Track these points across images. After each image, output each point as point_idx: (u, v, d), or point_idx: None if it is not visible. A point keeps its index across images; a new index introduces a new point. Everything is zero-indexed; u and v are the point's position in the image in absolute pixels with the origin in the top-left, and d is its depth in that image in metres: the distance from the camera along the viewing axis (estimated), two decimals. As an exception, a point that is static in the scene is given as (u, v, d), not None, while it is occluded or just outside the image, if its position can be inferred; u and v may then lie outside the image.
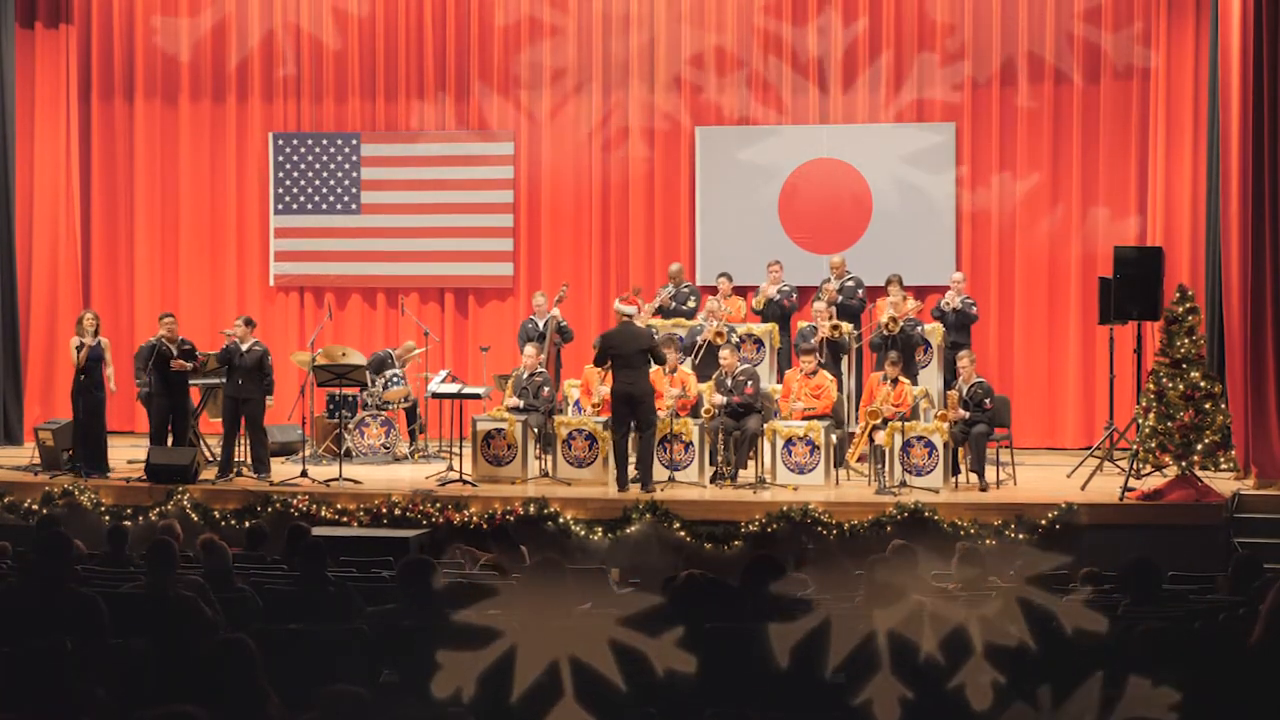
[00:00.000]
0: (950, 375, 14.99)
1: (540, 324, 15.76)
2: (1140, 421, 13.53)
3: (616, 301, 15.92)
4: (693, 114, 17.58)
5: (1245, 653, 6.57)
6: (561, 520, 13.29)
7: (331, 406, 16.03)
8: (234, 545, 10.33)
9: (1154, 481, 13.40)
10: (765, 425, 14.05)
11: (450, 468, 14.48)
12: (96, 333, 14.79)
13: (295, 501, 13.68)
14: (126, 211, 18.65)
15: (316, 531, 12.06)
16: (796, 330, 15.72)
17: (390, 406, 15.92)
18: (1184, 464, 13.16)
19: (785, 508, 13.07)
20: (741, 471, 14.13)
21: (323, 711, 5.20)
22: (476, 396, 14.98)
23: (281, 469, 14.81)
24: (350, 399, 15.92)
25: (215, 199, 18.56)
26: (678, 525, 13.16)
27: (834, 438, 14.19)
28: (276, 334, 17.68)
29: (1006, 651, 3.15)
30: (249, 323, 14.82)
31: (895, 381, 14.07)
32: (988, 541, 12.56)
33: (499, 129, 18.06)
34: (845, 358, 15.41)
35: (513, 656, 3.12)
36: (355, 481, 14.21)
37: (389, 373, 16.03)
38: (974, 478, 13.82)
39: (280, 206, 18.43)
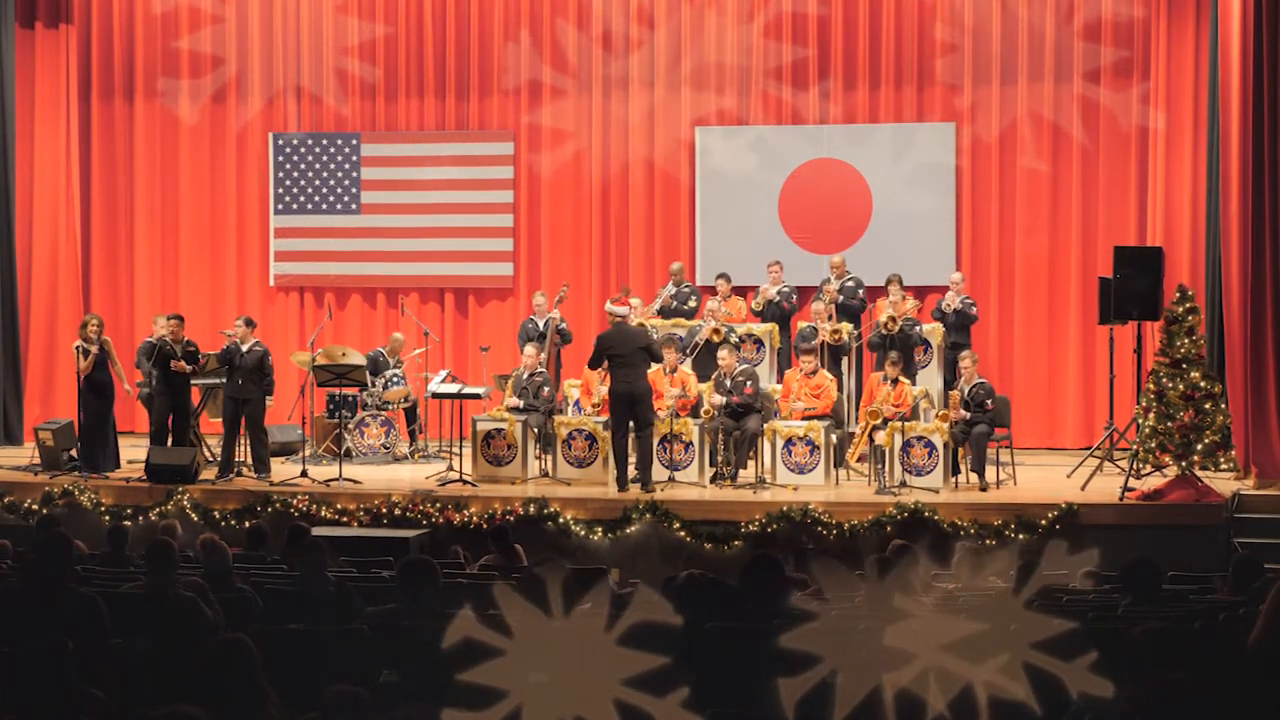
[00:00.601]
0: (950, 375, 14.99)
1: (540, 324, 15.76)
2: (1140, 421, 13.52)
3: (608, 303, 15.91)
4: (693, 114, 17.57)
5: (1245, 653, 6.57)
6: (561, 520, 13.29)
7: (331, 406, 16.03)
8: (234, 545, 10.33)
9: (1154, 481, 13.40)
10: (765, 425, 14.04)
11: (450, 468, 14.48)
12: (99, 337, 14.78)
13: (295, 501, 13.68)
14: (126, 211, 18.64)
15: (316, 531, 12.06)
16: (796, 330, 15.72)
17: (390, 406, 15.92)
18: (1184, 464, 13.16)
19: (785, 508, 13.07)
20: (741, 471, 14.13)
21: (323, 711, 5.20)
22: (476, 396, 14.98)
23: (281, 469, 14.81)
24: (350, 399, 15.91)
25: (215, 199, 18.55)
26: (678, 525, 13.16)
27: (834, 438, 14.18)
28: (276, 334, 17.68)
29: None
30: (249, 323, 14.81)
31: (895, 381, 14.07)
32: (988, 541, 12.57)
33: (499, 129, 18.06)
34: (845, 358, 15.41)
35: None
36: (355, 481, 14.21)
37: (389, 373, 16.03)
38: (974, 478, 13.82)
39: (280, 206, 18.42)
